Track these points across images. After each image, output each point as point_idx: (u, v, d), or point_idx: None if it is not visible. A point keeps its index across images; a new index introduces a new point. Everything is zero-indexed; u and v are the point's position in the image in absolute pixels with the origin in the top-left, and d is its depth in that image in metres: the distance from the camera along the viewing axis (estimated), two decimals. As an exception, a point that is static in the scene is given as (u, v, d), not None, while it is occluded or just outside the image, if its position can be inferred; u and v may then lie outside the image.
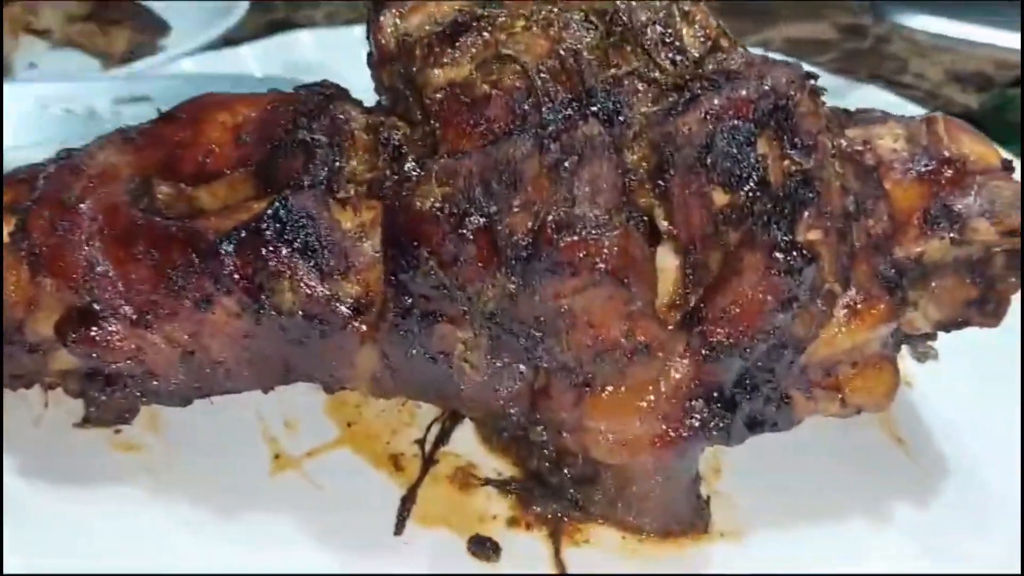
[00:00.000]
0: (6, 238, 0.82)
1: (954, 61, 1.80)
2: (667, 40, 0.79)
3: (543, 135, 0.71)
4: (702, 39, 0.80)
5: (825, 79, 1.45)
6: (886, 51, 1.85)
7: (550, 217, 0.68)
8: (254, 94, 0.89)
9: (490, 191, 0.70)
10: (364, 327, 0.75)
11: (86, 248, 0.79)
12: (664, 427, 0.72)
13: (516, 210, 0.69)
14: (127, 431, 0.89)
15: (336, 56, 1.36)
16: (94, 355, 0.79)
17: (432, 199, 0.71)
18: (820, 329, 0.73)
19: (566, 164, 0.69)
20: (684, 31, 0.80)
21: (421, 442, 0.88)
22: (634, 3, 0.80)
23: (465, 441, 0.88)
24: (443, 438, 0.88)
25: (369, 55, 0.87)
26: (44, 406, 0.89)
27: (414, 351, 0.74)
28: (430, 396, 0.79)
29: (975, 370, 0.96)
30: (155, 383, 0.82)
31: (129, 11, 1.54)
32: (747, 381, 0.73)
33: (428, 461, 0.85)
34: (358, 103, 0.88)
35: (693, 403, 0.71)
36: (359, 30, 1.57)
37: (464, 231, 0.70)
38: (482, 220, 0.70)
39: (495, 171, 0.70)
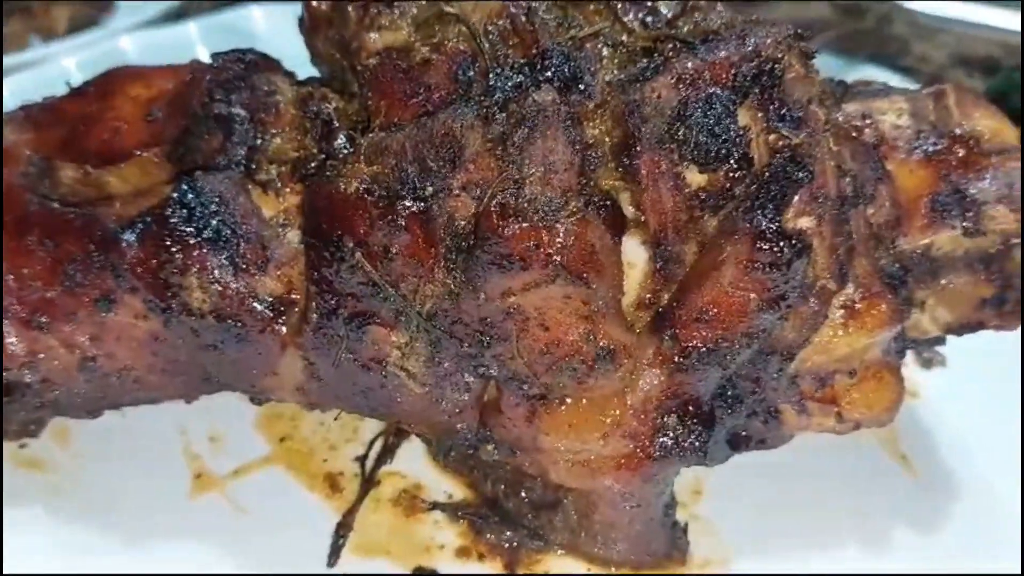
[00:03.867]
0: None
1: (960, 43, 1.70)
2: (635, -1, 0.69)
3: (487, 104, 0.60)
4: (678, -1, 0.69)
5: (822, 60, 1.34)
6: (887, 32, 1.75)
7: (496, 200, 0.58)
8: (173, 65, 0.79)
9: (426, 169, 0.60)
10: (285, 330, 0.65)
11: (-26, 239, 0.69)
12: (631, 446, 0.61)
13: (456, 192, 0.59)
14: (33, 445, 0.79)
15: (290, 34, 1.26)
16: (-20, 360, 0.69)
17: (358, 180, 0.61)
18: (813, 333, 0.63)
19: (514, 138, 0.59)
20: (658, -10, 0.70)
21: (362, 460, 0.78)
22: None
23: (412, 459, 0.78)
24: (386, 456, 0.77)
25: (301, 20, 0.77)
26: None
27: (343, 358, 0.64)
28: (365, 409, 0.69)
29: (989, 378, 0.86)
30: (55, 393, 0.72)
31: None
32: (728, 392, 0.63)
33: (368, 482, 0.75)
34: (289, 74, 0.77)
35: (664, 419, 0.61)
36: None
37: (395, 217, 0.60)
38: (416, 204, 0.59)
39: (431, 146, 0.60)
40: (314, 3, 0.75)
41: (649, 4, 0.69)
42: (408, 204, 0.60)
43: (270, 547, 0.72)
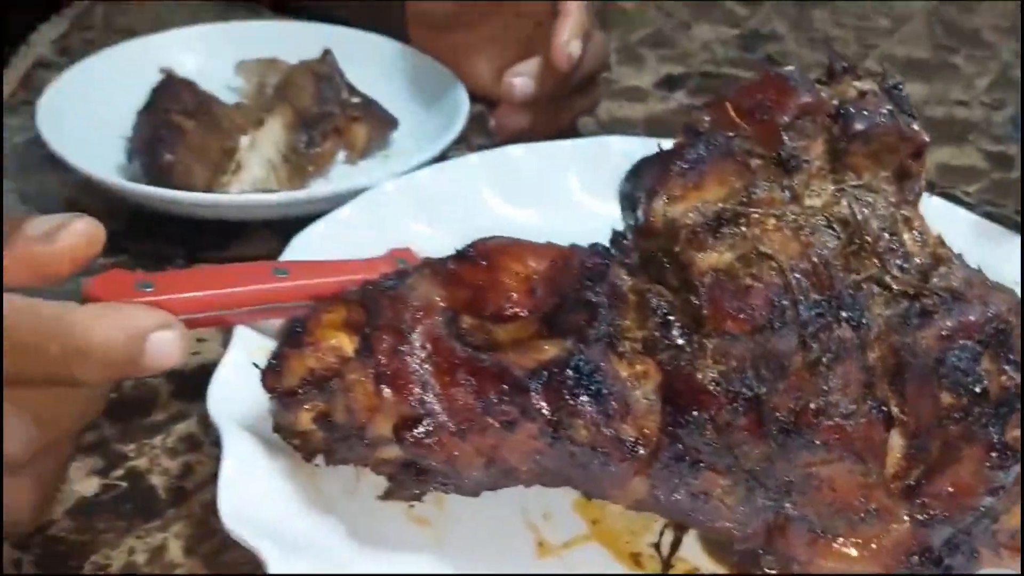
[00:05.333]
0: (351, 353, 1.04)
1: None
2: (893, 247, 0.98)
3: (804, 334, 0.90)
4: (920, 244, 0.98)
5: (977, 225, 1.55)
6: (1032, 182, 1.94)
7: (812, 405, 0.87)
8: (538, 245, 1.08)
9: (760, 375, 0.90)
10: (639, 463, 0.96)
11: (420, 371, 1.01)
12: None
13: (780, 393, 0.89)
14: (418, 507, 1.10)
15: (548, 169, 1.56)
16: (420, 454, 1.01)
17: (710, 373, 0.91)
18: (1013, 505, 0.91)
19: (823, 360, 0.89)
20: (906, 237, 0.99)
21: (656, 545, 1.08)
22: (866, 211, 0.99)
23: (691, 548, 1.08)
24: (677, 545, 1.07)
25: (638, 226, 1.08)
26: (356, 480, 1.11)
27: (681, 489, 0.94)
28: (686, 522, 0.99)
29: None
30: (458, 480, 1.04)
31: (364, 106, 1.73)
32: (951, 541, 0.91)
33: (666, 565, 1.05)
34: (624, 265, 1.08)
35: (909, 558, 0.90)
36: (568, 145, 1.77)
37: (736, 405, 0.89)
38: (752, 398, 0.89)
39: (764, 359, 0.90)
40: (653, 220, 1.05)
41: (903, 251, 0.98)
42: (746, 397, 0.90)
43: (597, 604, 1.02)
